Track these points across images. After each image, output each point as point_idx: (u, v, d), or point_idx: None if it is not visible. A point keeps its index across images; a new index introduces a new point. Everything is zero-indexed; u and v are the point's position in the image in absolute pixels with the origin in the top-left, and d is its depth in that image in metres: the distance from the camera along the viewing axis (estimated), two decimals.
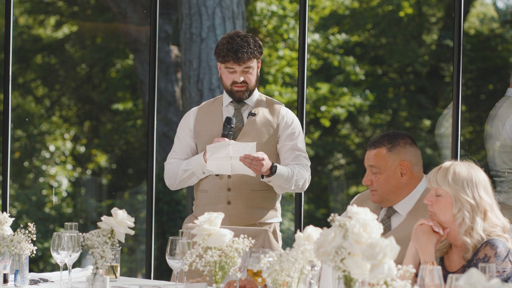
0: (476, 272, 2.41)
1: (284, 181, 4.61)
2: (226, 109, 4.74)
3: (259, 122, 4.70)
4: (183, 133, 4.79)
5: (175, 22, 9.56)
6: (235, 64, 4.62)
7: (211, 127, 4.71)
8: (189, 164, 4.69)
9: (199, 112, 4.80)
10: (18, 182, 10.17)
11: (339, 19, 10.53)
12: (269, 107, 4.75)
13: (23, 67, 10.54)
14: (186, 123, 4.80)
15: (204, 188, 4.73)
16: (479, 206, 3.48)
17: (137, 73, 10.00)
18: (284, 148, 4.70)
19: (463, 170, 3.51)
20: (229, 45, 4.62)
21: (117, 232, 3.59)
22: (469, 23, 10.19)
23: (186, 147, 4.77)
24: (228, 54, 4.60)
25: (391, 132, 4.07)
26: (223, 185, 4.68)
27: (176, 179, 4.73)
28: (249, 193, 4.68)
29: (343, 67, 10.05)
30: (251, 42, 4.66)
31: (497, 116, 5.49)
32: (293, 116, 4.77)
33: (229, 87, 4.68)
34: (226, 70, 4.66)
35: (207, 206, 4.70)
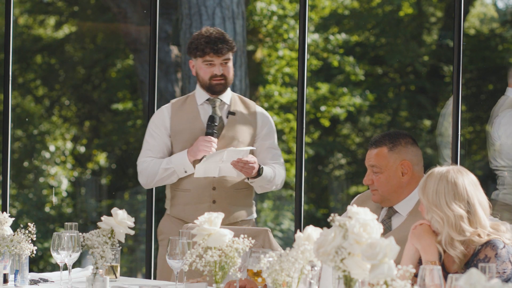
0: (476, 272, 2.41)
1: (266, 182, 4.70)
2: (202, 108, 4.76)
3: (239, 121, 4.75)
4: (157, 131, 4.78)
5: (175, 22, 9.56)
6: (215, 56, 4.65)
7: (191, 126, 4.72)
8: (170, 163, 4.69)
9: (174, 110, 4.79)
10: (18, 182, 10.17)
11: (339, 19, 10.53)
12: (245, 106, 4.80)
13: (23, 67, 10.54)
14: (160, 122, 4.79)
15: (186, 187, 4.73)
16: (448, 220, 3.45)
17: (137, 73, 10.00)
18: (263, 147, 4.77)
19: (432, 183, 3.49)
20: (206, 38, 4.65)
21: (117, 232, 3.59)
22: (469, 23, 10.19)
23: (161, 146, 4.77)
24: (207, 46, 4.63)
25: (393, 132, 4.07)
26: (208, 184, 4.70)
27: (155, 178, 4.73)
28: (233, 191, 4.72)
29: (343, 67, 10.05)
30: (226, 35, 4.71)
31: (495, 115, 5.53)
32: (267, 114, 4.85)
33: (208, 81, 4.71)
34: (204, 65, 4.68)
35: (189, 206, 4.71)
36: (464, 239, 3.45)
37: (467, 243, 3.47)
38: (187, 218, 4.74)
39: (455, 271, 3.48)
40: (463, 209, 3.45)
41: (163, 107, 4.86)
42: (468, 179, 3.50)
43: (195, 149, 4.65)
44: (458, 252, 3.45)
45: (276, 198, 10.17)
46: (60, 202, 10.10)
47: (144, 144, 4.83)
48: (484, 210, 3.49)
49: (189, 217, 4.71)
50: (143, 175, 4.77)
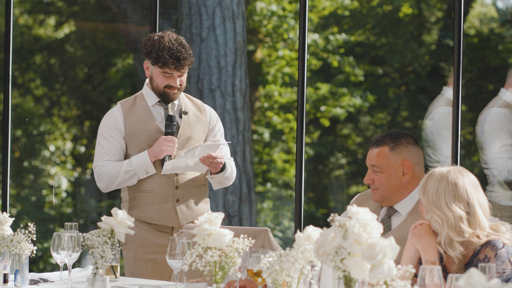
0: (476, 272, 2.41)
1: (225, 178, 4.76)
2: (154, 109, 4.77)
3: (192, 120, 4.78)
4: (112, 134, 4.76)
5: (175, 22, 9.56)
6: (175, 70, 4.66)
7: (147, 127, 4.72)
8: (131, 165, 4.68)
9: (125, 112, 4.78)
10: (18, 182, 10.17)
11: (339, 19, 10.53)
12: (194, 104, 4.84)
13: (22, 67, 10.54)
14: (114, 124, 4.77)
15: (148, 188, 4.72)
16: (447, 220, 3.46)
17: (137, 73, 10.00)
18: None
19: (432, 184, 3.49)
20: (170, 51, 4.64)
21: (117, 232, 3.59)
22: (469, 23, 10.19)
23: (118, 148, 4.75)
24: (169, 61, 4.63)
25: (394, 131, 4.07)
26: (171, 184, 4.72)
27: (115, 181, 4.71)
28: (193, 189, 4.76)
29: (342, 67, 10.05)
30: (186, 46, 4.71)
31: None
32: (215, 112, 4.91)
33: (162, 89, 4.71)
34: (162, 74, 4.67)
35: (152, 206, 4.72)
36: (463, 240, 3.45)
37: (466, 244, 3.47)
38: (149, 219, 4.73)
39: (455, 271, 3.48)
40: (463, 210, 3.45)
41: (114, 109, 4.84)
42: (469, 180, 3.50)
43: (158, 150, 4.65)
44: (457, 253, 3.45)
45: (276, 198, 10.17)
46: (60, 202, 10.10)
47: (98, 148, 4.79)
48: (483, 211, 3.49)
49: (152, 218, 4.72)
50: (102, 179, 4.73)
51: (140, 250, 4.73)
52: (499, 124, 5.52)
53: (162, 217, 4.72)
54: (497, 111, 5.53)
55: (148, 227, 4.75)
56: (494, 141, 5.48)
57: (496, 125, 5.49)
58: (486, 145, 5.49)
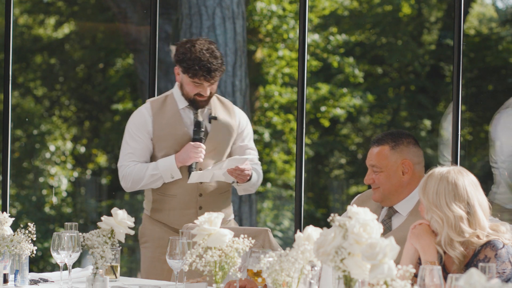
0: (476, 272, 2.41)
1: (251, 186, 4.72)
2: (184, 112, 4.72)
3: (221, 125, 4.74)
4: (140, 134, 4.72)
5: (175, 22, 9.56)
6: (205, 81, 4.60)
7: (174, 131, 4.69)
8: (157, 169, 4.65)
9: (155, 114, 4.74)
10: (18, 182, 10.17)
11: (338, 19, 10.54)
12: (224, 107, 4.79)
13: (22, 67, 10.55)
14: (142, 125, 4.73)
15: (172, 192, 4.71)
16: (448, 220, 3.46)
17: (137, 73, 10.00)
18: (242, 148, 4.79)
19: (432, 184, 3.49)
20: (200, 62, 4.57)
21: (117, 232, 3.59)
22: (469, 23, 10.19)
23: (145, 150, 4.72)
24: (199, 73, 4.57)
25: (395, 131, 4.08)
26: (194, 191, 4.69)
27: (140, 183, 4.69)
28: (217, 196, 4.73)
29: (342, 67, 10.05)
30: (218, 56, 4.63)
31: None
32: (244, 115, 4.85)
33: (192, 97, 4.67)
34: (193, 83, 4.63)
35: (175, 211, 4.70)
36: (463, 240, 3.45)
37: (466, 244, 3.47)
38: (171, 223, 4.73)
39: (455, 271, 3.48)
40: (463, 210, 3.45)
41: (143, 108, 4.79)
42: (469, 180, 3.50)
43: (185, 156, 4.62)
44: (457, 253, 3.45)
45: (276, 198, 10.17)
46: (60, 202, 10.10)
47: (125, 147, 4.75)
48: (483, 211, 3.49)
49: (174, 222, 4.71)
50: (127, 180, 4.71)
51: (158, 250, 4.73)
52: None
53: (183, 222, 4.64)
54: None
55: (168, 228, 4.74)
56: (508, 142, 5.46)
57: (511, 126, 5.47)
58: (498, 145, 5.47)
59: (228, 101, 4.84)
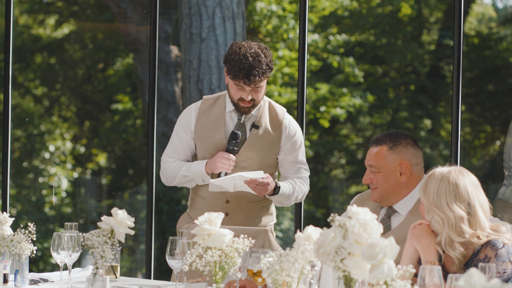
0: (476, 272, 2.41)
1: (285, 199, 4.60)
2: (229, 116, 4.64)
3: (262, 135, 4.62)
4: (183, 132, 4.70)
5: (175, 22, 9.56)
6: (245, 85, 4.50)
7: (213, 134, 4.63)
8: (189, 171, 4.62)
9: (201, 112, 4.69)
10: (18, 182, 10.17)
11: (338, 20, 10.54)
12: (272, 116, 4.66)
13: (22, 66, 10.54)
14: (187, 123, 4.70)
15: (203, 194, 4.68)
16: (448, 221, 3.45)
17: (137, 73, 10.00)
18: (286, 160, 4.66)
19: (433, 184, 3.49)
20: (241, 65, 4.47)
21: (117, 232, 3.59)
22: (468, 23, 10.19)
23: (186, 148, 4.70)
24: (239, 75, 4.47)
25: (395, 132, 4.08)
26: (222, 197, 4.63)
27: (174, 181, 4.69)
28: (247, 205, 4.64)
29: (342, 67, 10.06)
30: (263, 61, 4.50)
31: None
32: (296, 127, 4.69)
33: (236, 101, 4.58)
34: (235, 86, 4.54)
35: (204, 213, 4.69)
36: (463, 241, 3.45)
37: (466, 245, 3.47)
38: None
39: (455, 271, 3.48)
40: (464, 210, 3.45)
41: (193, 105, 4.76)
42: (469, 180, 3.50)
43: (213, 164, 4.57)
44: (457, 253, 3.45)
45: None
46: (60, 202, 10.10)
47: (170, 141, 4.77)
48: (484, 212, 3.49)
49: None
50: (163, 175, 4.74)
51: None
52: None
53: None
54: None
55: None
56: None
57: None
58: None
59: (282, 110, 4.70)
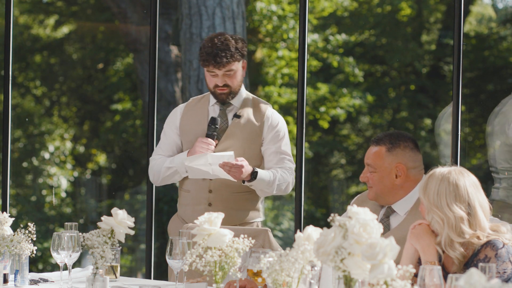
0: (476, 272, 2.41)
1: (265, 186, 4.64)
2: (212, 109, 4.76)
3: (244, 124, 4.71)
4: (169, 129, 4.82)
5: (175, 22, 9.56)
6: (215, 68, 4.63)
7: (196, 126, 4.74)
8: (173, 162, 4.72)
9: (186, 109, 4.82)
10: (18, 182, 10.16)
11: (338, 20, 10.53)
12: (255, 108, 4.75)
13: (22, 66, 10.54)
14: (172, 120, 4.83)
15: (187, 188, 4.76)
16: (448, 221, 3.45)
17: (137, 73, 10.00)
18: (268, 151, 4.72)
19: (433, 184, 3.49)
20: (208, 49, 4.62)
21: (117, 232, 3.59)
22: (468, 23, 10.19)
23: (171, 144, 4.80)
24: (208, 59, 4.61)
25: (396, 133, 4.08)
26: (205, 187, 4.71)
27: (159, 176, 4.77)
28: (230, 195, 4.71)
29: (342, 67, 10.05)
30: (231, 45, 4.64)
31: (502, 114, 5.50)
32: (278, 118, 4.77)
33: (212, 89, 4.71)
34: (209, 74, 4.68)
35: (189, 207, 4.76)
36: (463, 241, 3.45)
37: (466, 245, 3.47)
38: (187, 218, 4.77)
39: (455, 272, 3.48)
40: (464, 210, 3.45)
41: (180, 105, 4.90)
42: (470, 181, 3.50)
43: (193, 151, 4.67)
44: (457, 254, 3.45)
45: (276, 198, 10.17)
46: (60, 202, 10.10)
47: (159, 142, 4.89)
48: (484, 212, 3.49)
49: (189, 218, 4.75)
50: (150, 172, 4.84)
51: None
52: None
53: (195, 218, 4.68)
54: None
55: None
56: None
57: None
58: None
59: (265, 105, 4.79)
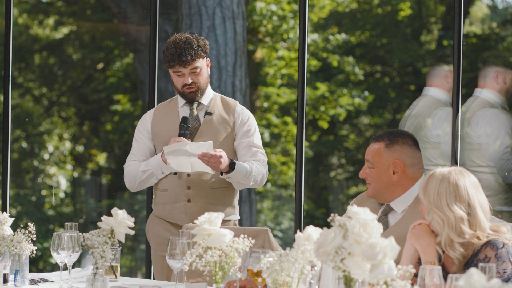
0: (476, 272, 2.41)
1: (243, 177, 4.70)
2: (182, 110, 4.82)
3: (216, 121, 4.78)
4: (140, 135, 4.88)
5: (175, 22, 9.56)
6: (181, 68, 4.70)
7: (168, 128, 4.79)
8: (148, 165, 4.77)
9: (156, 113, 4.89)
10: (18, 182, 10.16)
11: (338, 20, 10.53)
12: (224, 105, 4.83)
13: (22, 67, 10.54)
14: (143, 125, 4.89)
15: (164, 187, 4.80)
16: (448, 221, 3.45)
17: (137, 73, 10.00)
18: (241, 145, 4.80)
19: (433, 184, 3.49)
20: (172, 50, 4.70)
21: (117, 232, 3.59)
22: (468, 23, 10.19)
23: (144, 149, 4.86)
24: (173, 59, 4.68)
25: (395, 130, 4.11)
26: (183, 184, 4.75)
27: (136, 181, 4.82)
28: (208, 190, 4.76)
29: (342, 67, 10.05)
30: (193, 43, 4.72)
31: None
32: (248, 113, 4.86)
33: (181, 90, 4.77)
34: (175, 75, 4.75)
35: (167, 205, 4.79)
36: (463, 241, 3.45)
37: (466, 245, 3.47)
38: (165, 216, 4.82)
39: (455, 272, 3.48)
40: (464, 211, 3.45)
41: (149, 111, 4.97)
42: (470, 181, 3.50)
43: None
44: (457, 254, 3.45)
45: (276, 198, 10.17)
46: (59, 202, 10.10)
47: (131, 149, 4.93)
48: (484, 212, 3.49)
49: (168, 216, 4.80)
50: (126, 178, 4.88)
51: (158, 247, 4.83)
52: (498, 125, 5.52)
53: (174, 216, 4.79)
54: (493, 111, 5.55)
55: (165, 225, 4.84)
56: (495, 142, 5.48)
57: (497, 126, 5.49)
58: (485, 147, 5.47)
59: (233, 101, 4.88)
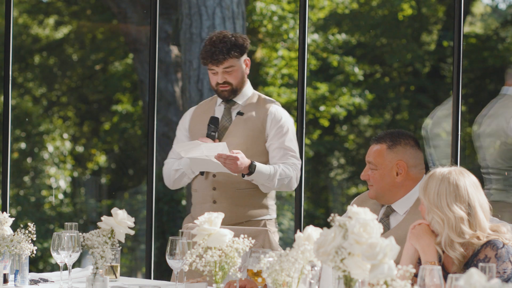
0: (476, 272, 2.41)
1: (265, 180, 4.62)
2: (219, 108, 4.79)
3: (246, 121, 4.72)
4: (179, 132, 4.86)
5: (175, 22, 9.56)
6: (214, 66, 4.67)
7: (203, 126, 4.75)
8: (180, 164, 4.75)
9: (195, 111, 4.86)
10: (17, 183, 10.16)
11: (339, 20, 10.54)
12: (260, 105, 4.76)
13: (21, 67, 10.54)
14: (182, 123, 4.87)
15: (194, 187, 4.80)
16: (448, 221, 3.45)
17: (137, 73, 10.00)
18: (272, 146, 4.72)
19: (433, 184, 3.49)
20: (207, 47, 4.67)
21: (117, 232, 3.59)
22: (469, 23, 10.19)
23: None
24: (206, 56, 4.66)
25: (397, 131, 4.09)
26: (209, 185, 4.73)
27: (170, 179, 4.81)
28: (234, 191, 4.71)
29: (342, 67, 10.06)
30: (229, 42, 4.67)
31: (496, 114, 5.51)
32: (282, 114, 4.75)
33: (215, 87, 4.73)
34: (210, 72, 4.72)
35: (197, 206, 4.80)
36: (463, 241, 3.45)
37: (466, 245, 3.47)
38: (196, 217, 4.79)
39: (455, 272, 3.48)
40: (464, 211, 3.45)
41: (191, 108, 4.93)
42: (470, 181, 3.50)
43: None
44: (457, 254, 3.45)
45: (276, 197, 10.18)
46: (59, 202, 10.10)
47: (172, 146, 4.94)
48: (484, 213, 3.49)
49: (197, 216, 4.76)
50: (164, 175, 4.86)
51: None
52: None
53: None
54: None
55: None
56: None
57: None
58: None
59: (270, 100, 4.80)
